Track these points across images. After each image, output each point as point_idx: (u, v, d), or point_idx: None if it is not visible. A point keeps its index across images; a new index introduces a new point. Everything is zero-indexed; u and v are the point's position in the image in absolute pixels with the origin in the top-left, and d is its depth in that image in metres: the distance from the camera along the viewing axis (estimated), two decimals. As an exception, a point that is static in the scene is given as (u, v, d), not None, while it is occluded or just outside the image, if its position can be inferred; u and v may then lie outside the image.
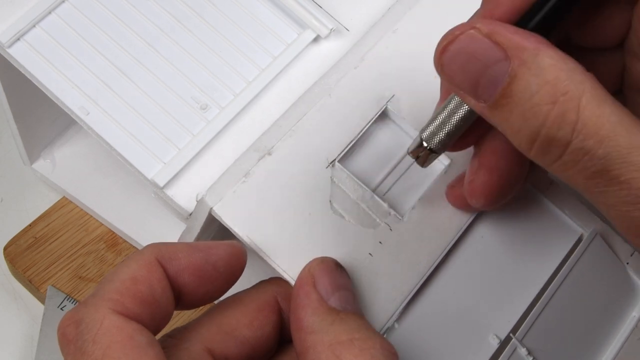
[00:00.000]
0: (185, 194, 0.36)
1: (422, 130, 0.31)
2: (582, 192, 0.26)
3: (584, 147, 0.24)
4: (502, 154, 0.31)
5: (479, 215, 0.35)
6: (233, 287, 0.31)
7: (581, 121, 0.24)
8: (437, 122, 0.30)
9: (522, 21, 0.27)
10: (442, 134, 0.30)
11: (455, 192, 0.35)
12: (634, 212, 0.24)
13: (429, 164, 0.32)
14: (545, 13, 0.26)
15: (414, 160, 0.32)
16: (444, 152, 0.31)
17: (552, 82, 0.24)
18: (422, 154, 0.31)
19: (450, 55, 0.26)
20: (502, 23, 0.26)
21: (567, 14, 0.27)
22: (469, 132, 0.30)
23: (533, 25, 0.27)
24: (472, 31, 0.25)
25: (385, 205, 0.35)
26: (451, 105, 0.29)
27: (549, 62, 0.24)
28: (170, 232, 0.42)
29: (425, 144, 0.31)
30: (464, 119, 0.29)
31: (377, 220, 0.34)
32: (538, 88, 0.24)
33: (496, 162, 0.31)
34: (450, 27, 0.29)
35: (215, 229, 0.37)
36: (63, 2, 0.38)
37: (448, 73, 0.27)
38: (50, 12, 0.38)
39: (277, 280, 0.32)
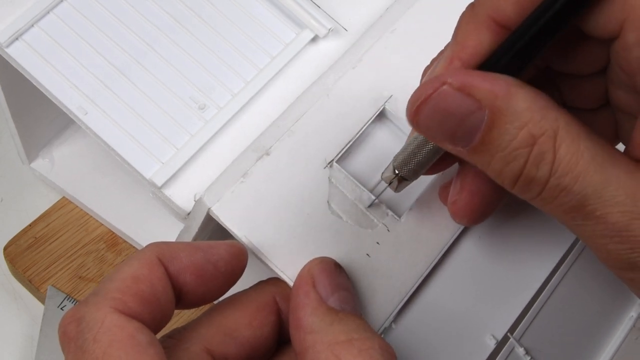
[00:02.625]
0: (183, 194, 0.36)
1: (395, 158, 0.32)
2: (562, 223, 0.26)
3: (560, 184, 0.25)
4: (484, 178, 0.31)
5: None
6: (232, 287, 0.31)
7: (557, 159, 0.25)
8: (408, 151, 0.31)
9: (491, 61, 0.27)
10: (412, 164, 0.31)
11: (448, 192, 0.35)
12: (610, 245, 0.25)
13: (402, 189, 0.33)
14: (515, 53, 0.26)
15: (387, 185, 0.32)
16: (416, 179, 0.32)
17: (528, 125, 0.25)
18: (394, 180, 0.32)
19: (425, 114, 0.26)
20: (471, 72, 0.26)
21: (538, 52, 0.27)
22: (446, 156, 0.30)
23: (503, 65, 0.26)
24: (444, 87, 0.25)
25: (383, 206, 0.35)
26: (422, 137, 0.30)
27: (522, 106, 0.25)
28: (169, 231, 0.42)
29: (397, 172, 0.32)
30: (434, 151, 0.30)
31: (375, 220, 0.34)
32: (516, 133, 0.25)
33: (478, 186, 0.31)
34: (448, 28, 0.29)
35: (212, 229, 0.37)
36: (61, 1, 0.38)
37: (424, 128, 0.27)
38: (48, 12, 0.38)
39: (276, 281, 0.33)
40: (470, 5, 0.27)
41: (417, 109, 0.26)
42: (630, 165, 0.25)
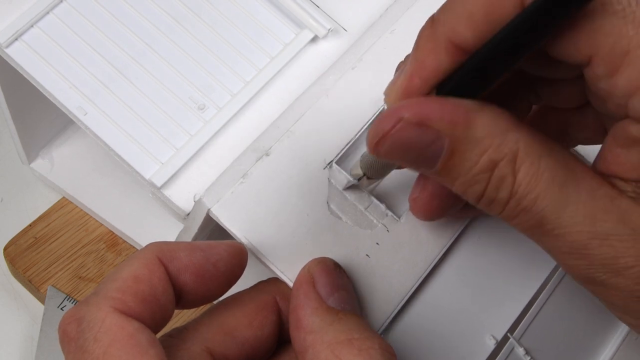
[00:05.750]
0: (182, 194, 0.36)
1: (362, 158, 0.32)
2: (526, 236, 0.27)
3: (520, 204, 0.25)
4: None
5: (476, 216, 0.36)
6: (233, 287, 0.31)
7: (517, 182, 0.25)
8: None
9: (450, 82, 0.26)
10: (378, 166, 0.31)
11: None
12: (569, 260, 0.26)
13: (368, 186, 0.33)
14: (473, 77, 0.26)
15: (355, 181, 0.33)
16: (382, 178, 0.32)
17: (488, 151, 0.25)
18: (363, 178, 0.33)
19: (385, 148, 0.26)
20: (427, 101, 0.25)
21: (498, 76, 0.26)
22: None
23: (462, 86, 0.26)
24: (401, 124, 0.25)
25: (382, 206, 0.35)
26: None
27: (482, 133, 0.25)
28: (169, 231, 0.42)
29: (364, 173, 0.32)
30: None
31: (374, 221, 0.34)
32: (477, 159, 0.25)
33: (439, 189, 0.31)
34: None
35: (212, 229, 0.37)
36: (61, 2, 0.38)
37: (386, 158, 0.27)
38: (48, 12, 0.38)
39: (276, 281, 0.33)
40: (430, 20, 0.26)
41: (377, 144, 0.26)
42: (593, 183, 0.25)
